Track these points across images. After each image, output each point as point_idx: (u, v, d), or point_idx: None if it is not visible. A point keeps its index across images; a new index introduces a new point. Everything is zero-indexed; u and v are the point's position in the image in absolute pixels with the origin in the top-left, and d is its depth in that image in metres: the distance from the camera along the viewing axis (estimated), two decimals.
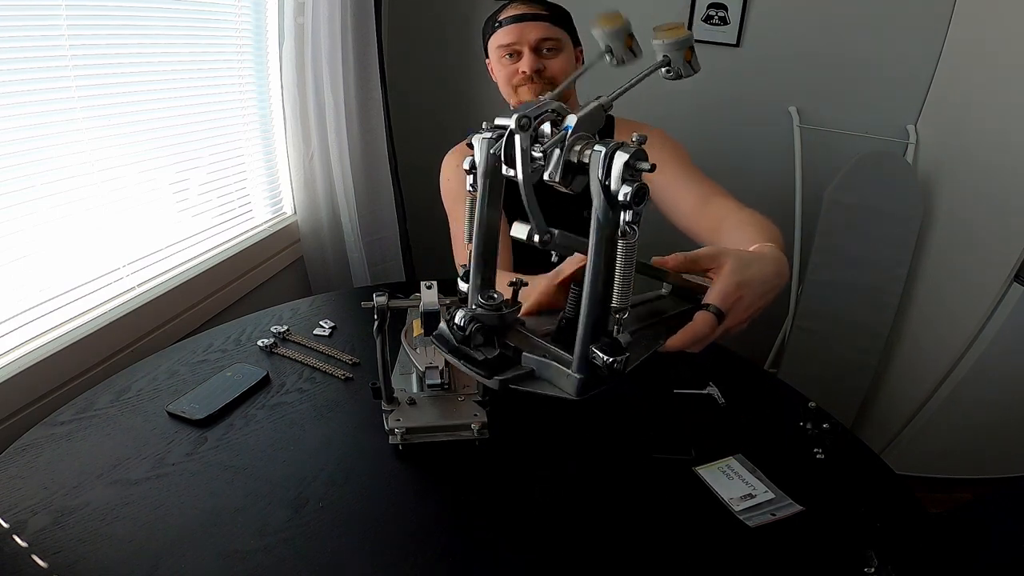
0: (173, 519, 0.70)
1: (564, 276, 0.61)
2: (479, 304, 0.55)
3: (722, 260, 0.60)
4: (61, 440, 0.81)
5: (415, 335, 0.96)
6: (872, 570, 0.68)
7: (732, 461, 0.83)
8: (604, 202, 0.48)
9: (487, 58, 1.16)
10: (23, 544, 0.65)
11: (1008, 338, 1.56)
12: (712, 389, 0.98)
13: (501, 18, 1.10)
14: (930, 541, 0.74)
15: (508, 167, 0.53)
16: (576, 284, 0.55)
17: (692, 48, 0.61)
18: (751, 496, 0.77)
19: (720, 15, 1.82)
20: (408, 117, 2.01)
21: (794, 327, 1.92)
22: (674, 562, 0.69)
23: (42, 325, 1.00)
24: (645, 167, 0.47)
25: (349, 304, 1.25)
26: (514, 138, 0.52)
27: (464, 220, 0.63)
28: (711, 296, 0.59)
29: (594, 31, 0.64)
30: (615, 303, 0.48)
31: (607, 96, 0.54)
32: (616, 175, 0.47)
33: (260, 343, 1.05)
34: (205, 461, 0.79)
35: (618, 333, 0.49)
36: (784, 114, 1.90)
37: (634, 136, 0.48)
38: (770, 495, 0.78)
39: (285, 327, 1.09)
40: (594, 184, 0.48)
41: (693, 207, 1.04)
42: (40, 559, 0.64)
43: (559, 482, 0.80)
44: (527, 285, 0.59)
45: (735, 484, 0.79)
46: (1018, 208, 1.49)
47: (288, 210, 1.70)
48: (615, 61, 0.65)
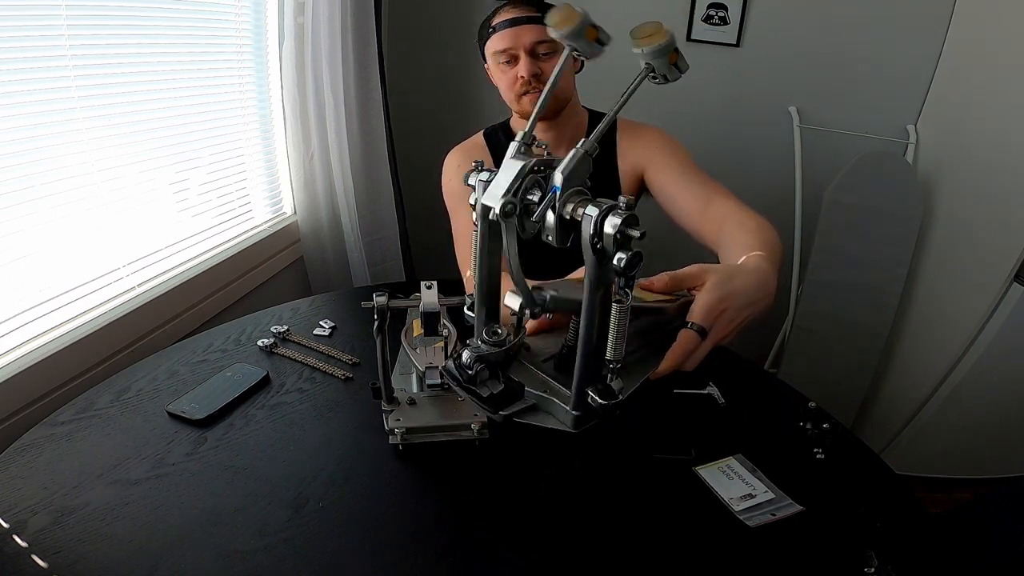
0: (173, 519, 0.70)
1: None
2: (484, 341, 0.57)
3: (705, 277, 0.61)
4: (61, 440, 0.81)
5: (415, 335, 0.96)
6: (872, 570, 0.68)
7: (732, 461, 0.83)
8: (596, 264, 0.49)
9: (485, 63, 1.16)
10: (23, 544, 0.65)
11: (1008, 338, 1.56)
12: (712, 389, 0.98)
13: (495, 23, 1.09)
14: (930, 541, 0.74)
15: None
16: (578, 313, 0.56)
17: (676, 49, 0.56)
18: (751, 496, 0.77)
19: (720, 15, 1.82)
20: (408, 117, 2.01)
21: (794, 327, 1.92)
22: (674, 562, 0.69)
23: (42, 325, 1.00)
24: (635, 234, 0.47)
25: (349, 304, 1.25)
26: (500, 224, 0.52)
27: (463, 221, 0.64)
28: (692, 314, 0.60)
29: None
30: (608, 356, 0.51)
31: (589, 141, 0.53)
32: (608, 239, 0.47)
33: (260, 343, 1.05)
34: (205, 461, 0.79)
35: (611, 380, 0.52)
36: (784, 114, 1.90)
37: (621, 199, 0.48)
38: (770, 495, 0.78)
39: (285, 327, 1.09)
40: (585, 245, 0.49)
41: (695, 208, 1.04)
42: (40, 559, 0.64)
43: (559, 482, 0.80)
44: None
45: (735, 484, 0.79)
46: (1018, 208, 1.49)
47: (288, 210, 1.70)
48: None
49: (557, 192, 0.50)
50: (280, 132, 1.60)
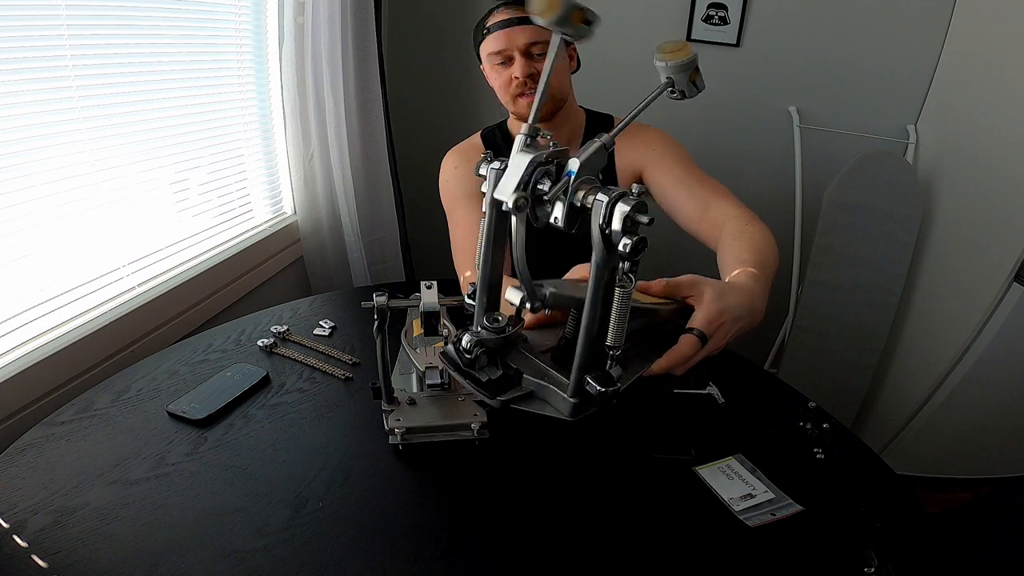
0: (173, 519, 0.70)
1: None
2: (483, 327, 0.58)
3: (702, 288, 0.65)
4: (61, 440, 0.81)
5: (415, 335, 0.96)
6: (872, 570, 0.68)
7: (732, 461, 0.83)
8: (603, 249, 0.50)
9: (480, 64, 1.16)
10: (23, 544, 0.65)
11: (1008, 338, 1.56)
12: (712, 389, 0.98)
13: (489, 24, 1.08)
14: (930, 541, 0.74)
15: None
16: (576, 308, 0.58)
17: (697, 68, 0.60)
18: (751, 496, 0.77)
19: (720, 15, 1.82)
20: (408, 117, 2.01)
21: (794, 327, 1.92)
22: (674, 562, 0.69)
23: (42, 325, 1.00)
24: (644, 220, 0.48)
25: (349, 304, 1.25)
26: (510, 217, 0.53)
27: (460, 223, 0.64)
28: (696, 321, 0.63)
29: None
30: (609, 342, 0.52)
31: (608, 136, 0.54)
32: (616, 225, 0.48)
33: (260, 343, 1.05)
34: (205, 461, 0.79)
35: (611, 367, 0.53)
36: (784, 114, 1.90)
37: (634, 187, 0.49)
38: (770, 495, 0.78)
39: (285, 327, 1.09)
40: (595, 231, 0.50)
41: (694, 211, 1.04)
42: (40, 559, 0.64)
43: (559, 482, 0.80)
44: None
45: (735, 484, 0.79)
46: (1018, 208, 1.49)
47: (288, 210, 1.70)
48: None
49: (572, 176, 0.51)
50: (280, 132, 1.60)
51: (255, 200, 1.56)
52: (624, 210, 0.48)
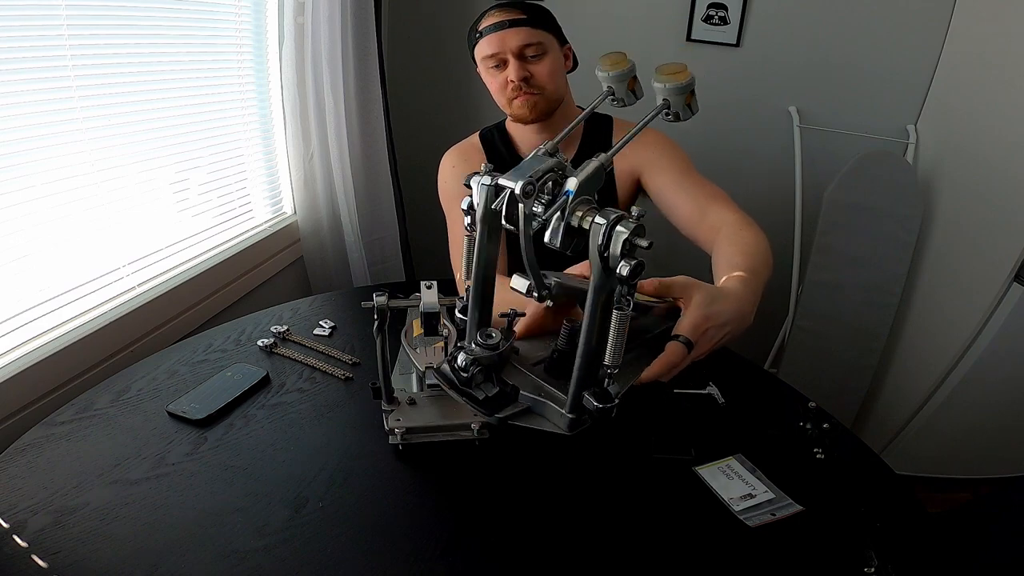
0: (173, 519, 0.70)
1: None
2: (478, 344, 0.58)
3: (691, 292, 0.65)
4: (61, 440, 0.81)
5: (415, 335, 0.96)
6: (872, 570, 0.68)
7: (732, 461, 0.83)
8: (602, 271, 0.50)
9: (476, 66, 1.16)
10: (23, 544, 0.65)
11: (1008, 338, 1.56)
12: (712, 389, 0.98)
13: (481, 28, 1.08)
14: (930, 541, 0.74)
15: (508, 223, 0.55)
16: (568, 320, 0.60)
17: (693, 91, 0.62)
18: (751, 496, 0.77)
19: (720, 15, 1.82)
20: (408, 117, 2.01)
21: (794, 327, 1.92)
22: (674, 562, 0.69)
23: (42, 325, 1.00)
24: (643, 244, 0.48)
25: (349, 304, 1.25)
26: (516, 203, 0.53)
27: (458, 222, 0.65)
28: (681, 327, 0.63)
29: (598, 73, 0.64)
30: (607, 361, 0.52)
31: (606, 156, 0.54)
32: (615, 249, 0.48)
33: (260, 343, 1.05)
34: (205, 461, 0.79)
35: (608, 385, 0.54)
36: (784, 114, 1.90)
37: (634, 210, 0.49)
38: (770, 495, 0.78)
39: (285, 327, 1.09)
40: (592, 253, 0.50)
41: (692, 215, 1.04)
42: (40, 559, 0.64)
43: (559, 482, 0.80)
44: (523, 315, 0.64)
45: (735, 484, 0.79)
46: (1018, 208, 1.49)
47: (288, 210, 1.70)
48: (616, 103, 0.65)
49: (570, 196, 0.51)
50: (280, 132, 1.60)
51: (255, 200, 1.56)
52: (623, 234, 0.47)
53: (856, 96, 1.86)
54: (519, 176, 0.52)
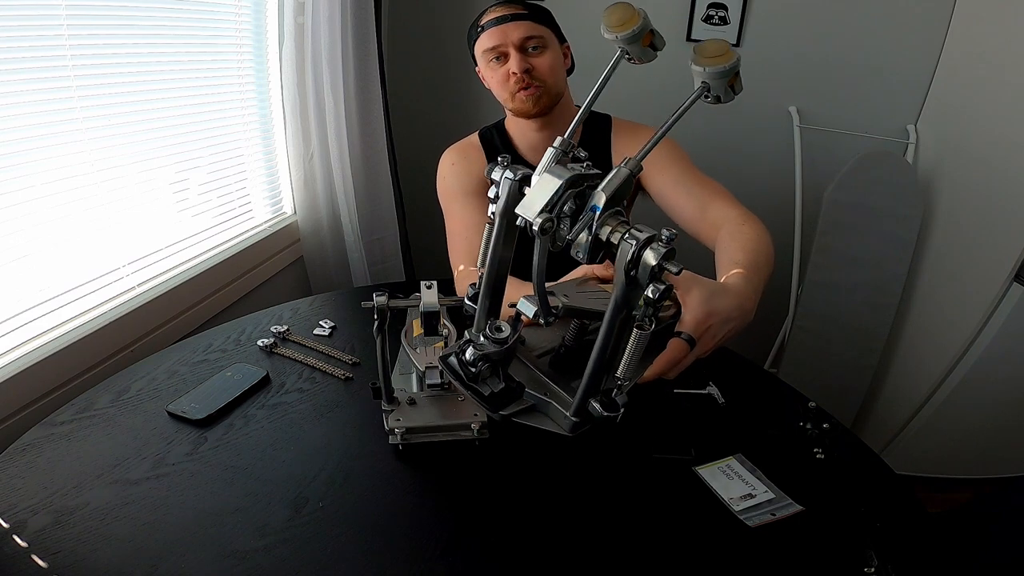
0: (173, 519, 0.70)
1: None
2: (487, 337, 0.57)
3: (692, 288, 0.65)
4: (61, 440, 0.81)
5: (415, 335, 0.96)
6: (872, 570, 0.68)
7: (732, 461, 0.83)
8: (625, 288, 0.48)
9: (476, 65, 1.16)
10: (23, 544, 0.65)
11: (1008, 338, 1.56)
12: (712, 389, 0.98)
13: (483, 23, 1.09)
14: (930, 541, 0.74)
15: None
16: (586, 318, 0.60)
17: (738, 72, 0.54)
18: (751, 496, 0.77)
19: (720, 15, 1.82)
20: (408, 117, 2.01)
21: (794, 327, 1.92)
22: (674, 562, 0.69)
23: (42, 325, 1.00)
24: (673, 270, 0.46)
25: (349, 304, 1.25)
26: (535, 239, 0.50)
27: (456, 219, 0.65)
28: (684, 324, 0.63)
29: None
30: (619, 374, 0.51)
31: (633, 160, 0.51)
32: (643, 272, 0.47)
33: (260, 343, 1.05)
34: (205, 461, 0.79)
35: (616, 395, 0.53)
36: (784, 114, 1.90)
37: (664, 233, 0.47)
38: (770, 495, 0.78)
39: (285, 327, 1.09)
40: (619, 272, 0.48)
41: (693, 212, 1.04)
42: (40, 559, 0.64)
43: (559, 482, 0.80)
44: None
45: (735, 484, 0.79)
46: (1018, 208, 1.49)
47: (288, 210, 1.70)
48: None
49: (597, 212, 0.49)
50: (280, 132, 1.60)
51: (255, 200, 1.56)
52: (654, 257, 0.46)
53: (856, 96, 1.86)
54: (535, 207, 0.49)
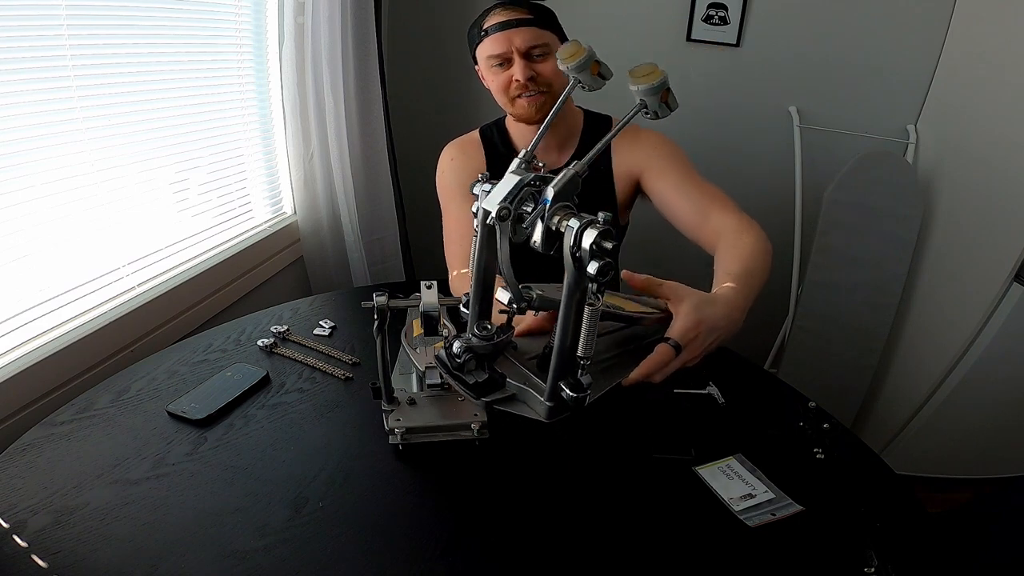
0: (173, 519, 0.70)
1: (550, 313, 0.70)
2: (474, 334, 0.64)
3: (681, 297, 0.69)
4: (61, 440, 0.81)
5: (415, 335, 0.96)
6: (872, 570, 0.68)
7: (732, 461, 0.83)
8: (574, 270, 0.55)
9: (476, 65, 1.15)
10: (23, 544, 0.65)
11: (1008, 338, 1.56)
12: (712, 389, 0.98)
13: (486, 26, 1.07)
14: (930, 541, 0.74)
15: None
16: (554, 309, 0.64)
17: (668, 88, 0.64)
18: (751, 496, 0.77)
19: (720, 15, 1.82)
20: (408, 117, 2.01)
21: (794, 327, 1.92)
22: (674, 562, 0.69)
23: (42, 325, 1.00)
24: (608, 246, 0.53)
25: (349, 304, 1.25)
26: (494, 226, 0.59)
27: (453, 216, 0.71)
28: (672, 331, 0.67)
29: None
30: (580, 353, 0.57)
31: (581, 164, 0.59)
32: (585, 250, 0.53)
33: (260, 343, 1.05)
34: (205, 461, 0.79)
35: (581, 375, 0.59)
36: (784, 114, 1.90)
37: (600, 215, 0.54)
38: (770, 495, 0.78)
39: (285, 327, 1.09)
40: (566, 254, 0.55)
41: (693, 218, 1.04)
42: (40, 559, 0.64)
43: (559, 482, 0.80)
44: (522, 313, 0.67)
45: (735, 484, 0.79)
46: (1018, 208, 1.49)
47: (288, 210, 1.70)
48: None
49: (547, 204, 0.57)
50: (280, 132, 1.60)
51: (255, 200, 1.56)
52: (592, 235, 0.53)
53: (856, 96, 1.86)
54: (495, 199, 0.58)
